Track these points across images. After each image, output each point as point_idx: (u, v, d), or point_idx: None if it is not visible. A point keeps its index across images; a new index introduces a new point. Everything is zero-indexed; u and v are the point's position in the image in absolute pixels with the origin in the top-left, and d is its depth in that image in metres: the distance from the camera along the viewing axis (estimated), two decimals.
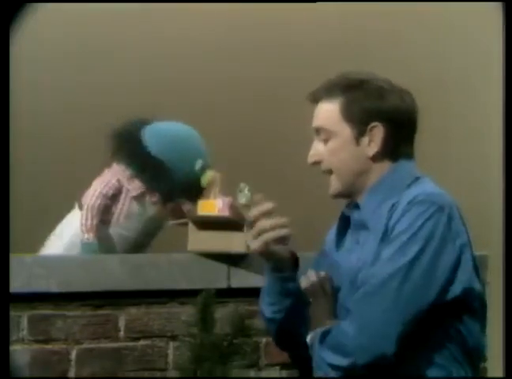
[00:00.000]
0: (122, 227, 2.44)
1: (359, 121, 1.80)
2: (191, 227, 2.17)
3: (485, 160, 3.51)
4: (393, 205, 1.76)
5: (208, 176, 2.50)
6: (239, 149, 3.43)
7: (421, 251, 1.66)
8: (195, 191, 2.48)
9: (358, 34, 3.64)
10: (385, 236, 1.73)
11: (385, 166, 1.83)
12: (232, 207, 2.18)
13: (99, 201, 2.42)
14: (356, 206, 1.85)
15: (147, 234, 2.51)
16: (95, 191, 2.44)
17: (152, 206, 2.47)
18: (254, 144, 3.53)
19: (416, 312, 1.66)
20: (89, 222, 2.40)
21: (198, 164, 2.50)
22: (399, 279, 1.65)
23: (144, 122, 2.53)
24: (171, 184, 2.45)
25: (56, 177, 3.30)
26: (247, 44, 3.65)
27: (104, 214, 2.44)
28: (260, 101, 3.58)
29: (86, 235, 2.39)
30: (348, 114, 1.81)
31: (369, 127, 1.80)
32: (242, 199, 2.18)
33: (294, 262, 1.86)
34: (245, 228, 2.12)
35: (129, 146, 2.48)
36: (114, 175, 2.46)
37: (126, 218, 2.44)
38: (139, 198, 2.46)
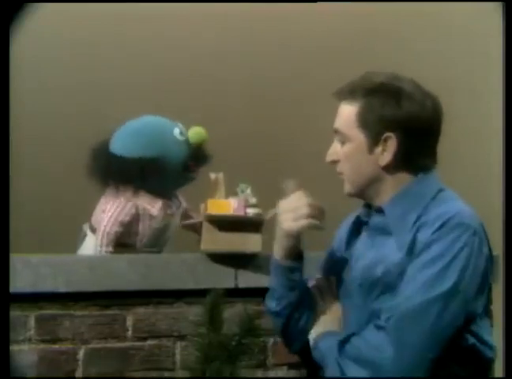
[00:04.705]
0: (147, 245, 2.40)
1: (373, 129, 1.80)
2: (206, 226, 2.16)
3: (485, 160, 3.53)
4: (418, 217, 1.77)
5: (194, 131, 2.42)
6: (240, 149, 3.44)
7: (459, 279, 1.69)
8: (196, 153, 2.43)
9: (358, 35, 3.65)
10: (412, 248, 1.75)
11: (405, 176, 1.83)
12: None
13: (115, 228, 2.38)
14: (379, 211, 1.86)
15: (168, 243, 2.48)
16: (110, 217, 2.38)
17: (169, 218, 2.44)
18: (256, 144, 3.53)
19: (451, 337, 1.69)
20: (104, 248, 2.38)
21: (176, 132, 2.42)
22: (439, 306, 1.68)
23: (107, 139, 2.45)
24: (169, 170, 2.38)
25: (56, 177, 3.30)
26: (247, 45, 3.66)
27: (123, 238, 2.40)
28: (261, 101, 3.59)
29: None
30: (364, 122, 1.80)
31: (383, 137, 1.79)
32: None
33: (299, 254, 1.91)
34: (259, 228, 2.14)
35: (107, 165, 2.39)
36: (128, 199, 2.39)
37: (149, 237, 2.41)
38: (158, 216, 2.41)
